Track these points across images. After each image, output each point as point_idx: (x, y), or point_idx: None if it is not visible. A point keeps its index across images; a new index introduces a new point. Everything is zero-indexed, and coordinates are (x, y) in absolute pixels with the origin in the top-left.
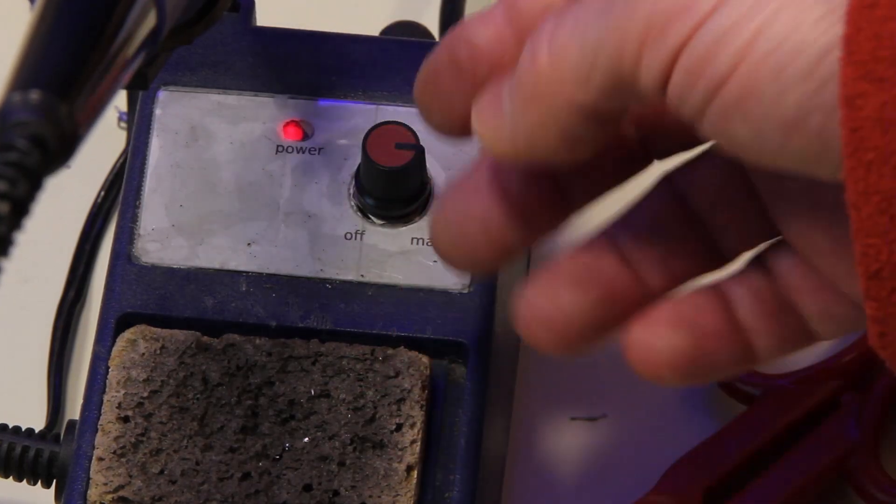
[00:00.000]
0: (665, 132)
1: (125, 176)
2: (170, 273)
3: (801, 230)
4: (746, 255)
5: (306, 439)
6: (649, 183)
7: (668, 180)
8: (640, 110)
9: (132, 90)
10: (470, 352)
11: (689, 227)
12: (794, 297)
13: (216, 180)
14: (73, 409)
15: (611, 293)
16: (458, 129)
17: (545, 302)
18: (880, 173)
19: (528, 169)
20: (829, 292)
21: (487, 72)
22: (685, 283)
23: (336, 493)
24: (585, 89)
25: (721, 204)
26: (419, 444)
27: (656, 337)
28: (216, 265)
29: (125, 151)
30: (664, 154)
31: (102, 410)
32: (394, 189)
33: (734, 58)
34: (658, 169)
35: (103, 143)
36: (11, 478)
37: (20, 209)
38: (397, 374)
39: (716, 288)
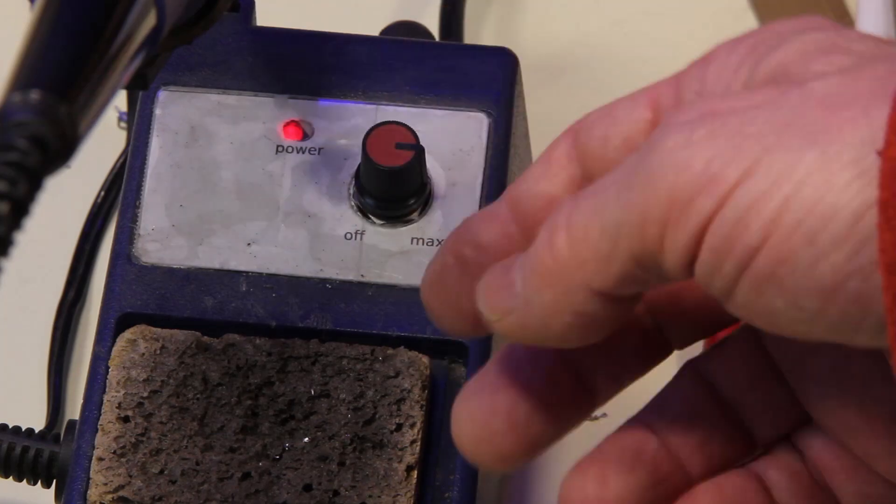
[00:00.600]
0: (682, 318)
1: (125, 176)
2: (170, 273)
3: (830, 411)
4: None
5: (306, 439)
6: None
7: (693, 366)
8: (655, 298)
9: (132, 90)
10: (470, 352)
11: (721, 412)
12: (828, 477)
13: (216, 180)
14: (73, 409)
15: (656, 476)
16: (470, 327)
17: (595, 487)
18: None
19: (543, 359)
20: (864, 472)
21: None
22: (725, 468)
23: (336, 493)
24: (605, 272)
25: (749, 389)
26: (419, 444)
27: None
28: (216, 265)
29: (125, 151)
30: (683, 341)
31: (102, 410)
32: (394, 189)
33: (765, 228)
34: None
35: (103, 143)
36: (11, 478)
37: (20, 209)
38: (397, 374)
39: (751, 470)
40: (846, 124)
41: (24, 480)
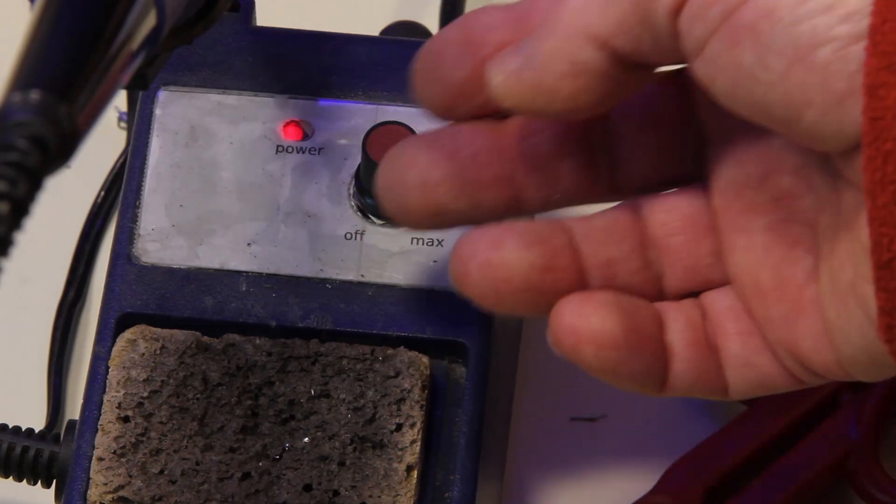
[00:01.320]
0: (638, 161)
1: (125, 176)
2: (170, 273)
3: (749, 267)
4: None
5: (306, 439)
6: None
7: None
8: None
9: (132, 90)
10: (470, 352)
11: (640, 244)
12: (720, 338)
13: (216, 180)
14: (73, 409)
15: (553, 261)
16: (453, 103)
17: (487, 247)
18: None
19: (492, 140)
20: (755, 339)
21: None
22: (560, 204)
23: (336, 493)
24: (605, 15)
25: (680, 233)
26: (419, 444)
27: (592, 311)
28: (216, 265)
29: (125, 151)
30: (629, 192)
31: (102, 410)
32: None
33: None
34: None
35: (103, 143)
36: (11, 478)
37: (20, 209)
38: (397, 374)
39: (654, 304)
40: None
41: (24, 480)
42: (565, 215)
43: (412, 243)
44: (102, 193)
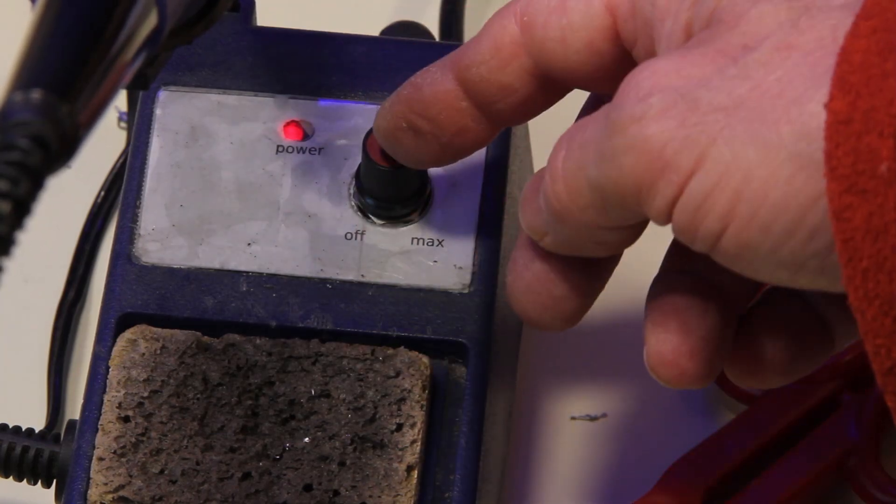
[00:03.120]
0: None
1: (125, 176)
2: (170, 273)
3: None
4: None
5: (306, 439)
6: None
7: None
8: None
9: (132, 90)
10: (470, 352)
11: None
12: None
13: (216, 180)
14: (73, 409)
15: (720, 320)
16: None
17: (677, 337)
18: (877, 280)
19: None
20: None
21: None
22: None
23: (336, 493)
24: (604, 217)
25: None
26: (419, 444)
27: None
28: (216, 265)
29: (125, 151)
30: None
31: (102, 410)
32: (394, 189)
33: (722, 218)
34: None
35: (103, 143)
36: (11, 478)
37: (22, 209)
38: (397, 374)
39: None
40: (787, 110)
41: (24, 480)
42: None
43: (412, 243)
44: (102, 193)
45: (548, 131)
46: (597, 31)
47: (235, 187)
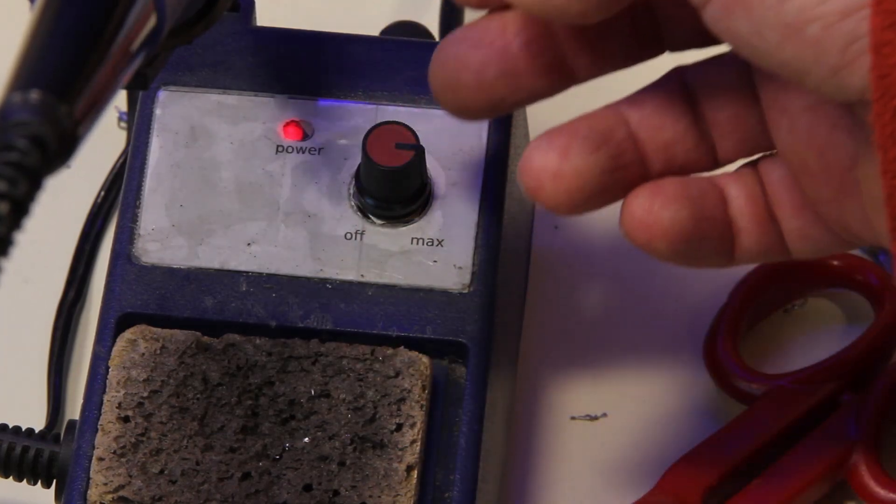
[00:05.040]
0: (679, 19)
1: (125, 176)
2: (170, 273)
3: (795, 147)
4: (740, 161)
5: (306, 439)
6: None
7: (680, 73)
8: None
9: (132, 90)
10: (470, 352)
11: (692, 121)
12: (777, 210)
13: (216, 180)
14: (73, 409)
15: (619, 160)
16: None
17: (557, 157)
18: None
19: (527, 29)
20: (809, 213)
21: None
22: (680, 173)
23: (336, 493)
24: None
25: (726, 106)
26: (419, 444)
27: (661, 206)
28: (216, 265)
29: (125, 151)
30: (676, 44)
31: (102, 410)
32: (394, 189)
33: None
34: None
35: (103, 143)
36: (11, 478)
37: (20, 209)
38: (397, 374)
39: (715, 180)
40: None
41: (24, 480)
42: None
43: (412, 243)
44: (102, 193)
45: None
46: None
47: (235, 187)
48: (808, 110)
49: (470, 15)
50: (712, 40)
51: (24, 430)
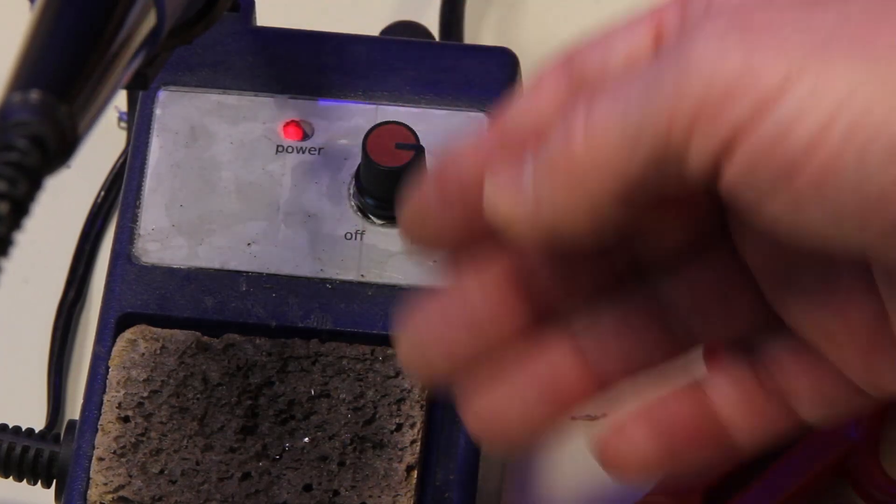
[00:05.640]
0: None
1: (125, 176)
2: (170, 273)
3: (810, 321)
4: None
5: (306, 439)
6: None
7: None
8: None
9: (132, 90)
10: None
11: (652, 315)
12: (784, 380)
13: (216, 180)
14: (73, 409)
15: (558, 389)
16: (452, 245)
17: (497, 403)
18: None
19: (492, 286)
20: (828, 375)
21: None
22: (642, 372)
23: (336, 493)
24: (624, 174)
25: (707, 297)
26: (419, 444)
27: (627, 443)
28: (216, 265)
29: (125, 151)
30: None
31: (102, 410)
32: (394, 189)
33: (811, 141)
34: None
35: (103, 143)
36: (11, 478)
37: (20, 209)
38: (397, 374)
39: (690, 382)
40: (892, 36)
41: (24, 480)
42: None
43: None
44: (102, 193)
45: None
46: (638, 49)
47: (235, 187)
48: (819, 281)
49: (469, 15)
50: (692, 256)
51: (24, 430)
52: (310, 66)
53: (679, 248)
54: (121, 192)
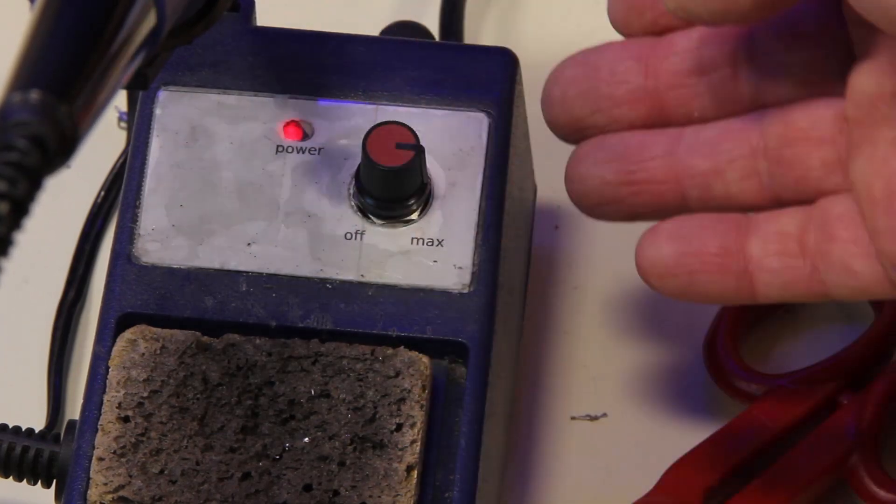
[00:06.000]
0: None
1: (125, 176)
2: (170, 273)
3: (866, 175)
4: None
5: (306, 439)
6: None
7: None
8: None
9: (132, 90)
10: (470, 352)
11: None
12: (827, 243)
13: (216, 180)
14: (73, 409)
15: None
16: (628, 18)
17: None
18: None
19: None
20: (863, 247)
21: None
22: (700, 120)
23: (336, 493)
24: None
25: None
26: (419, 444)
27: (653, 247)
28: (216, 265)
29: (125, 151)
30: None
31: (102, 410)
32: (394, 189)
33: None
34: None
35: (103, 143)
36: (11, 478)
37: (20, 209)
38: (397, 374)
39: (740, 218)
40: None
41: (24, 480)
42: None
43: (412, 243)
44: (102, 193)
45: (548, 131)
46: None
47: (235, 187)
48: (892, 142)
49: (469, 15)
50: (806, 100)
51: (24, 430)
52: (310, 66)
53: (796, 89)
54: (121, 192)
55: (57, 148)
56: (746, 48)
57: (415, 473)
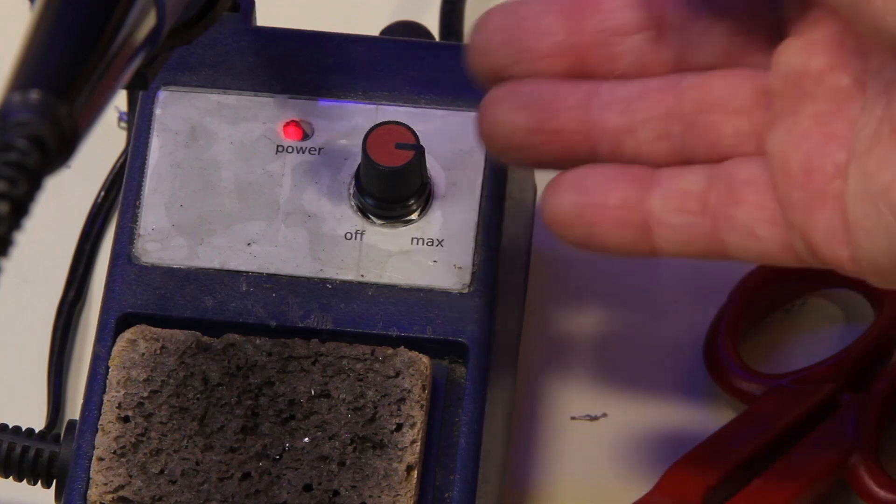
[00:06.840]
0: None
1: (125, 176)
2: (170, 273)
3: (785, 146)
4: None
5: (306, 439)
6: None
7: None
8: None
9: (132, 90)
10: (470, 352)
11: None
12: (731, 205)
13: (216, 180)
14: (73, 409)
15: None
16: None
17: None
18: None
19: None
20: (768, 213)
21: None
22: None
23: (336, 493)
24: None
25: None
26: (419, 444)
27: (556, 197)
28: (216, 265)
29: (125, 151)
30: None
31: (102, 410)
32: (394, 189)
33: None
34: None
35: (103, 143)
36: (11, 478)
37: (20, 209)
38: (397, 374)
39: (644, 171)
40: None
41: (24, 480)
42: None
43: (412, 243)
44: (102, 193)
45: None
46: None
47: (235, 187)
48: (813, 117)
49: (469, 15)
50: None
51: (24, 430)
52: (310, 66)
53: (722, 58)
54: (121, 192)
55: (57, 148)
56: (673, 12)
57: (415, 473)
